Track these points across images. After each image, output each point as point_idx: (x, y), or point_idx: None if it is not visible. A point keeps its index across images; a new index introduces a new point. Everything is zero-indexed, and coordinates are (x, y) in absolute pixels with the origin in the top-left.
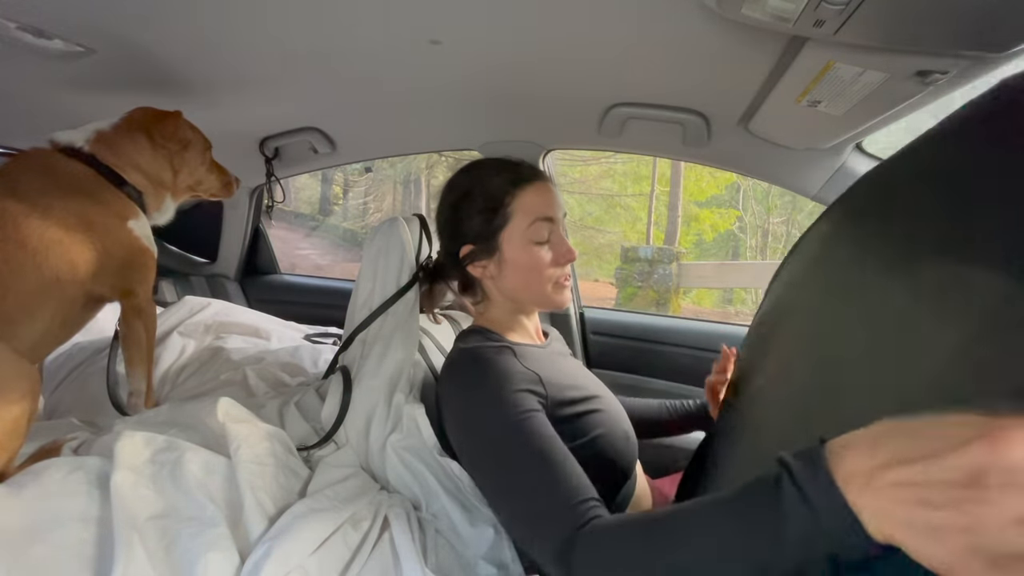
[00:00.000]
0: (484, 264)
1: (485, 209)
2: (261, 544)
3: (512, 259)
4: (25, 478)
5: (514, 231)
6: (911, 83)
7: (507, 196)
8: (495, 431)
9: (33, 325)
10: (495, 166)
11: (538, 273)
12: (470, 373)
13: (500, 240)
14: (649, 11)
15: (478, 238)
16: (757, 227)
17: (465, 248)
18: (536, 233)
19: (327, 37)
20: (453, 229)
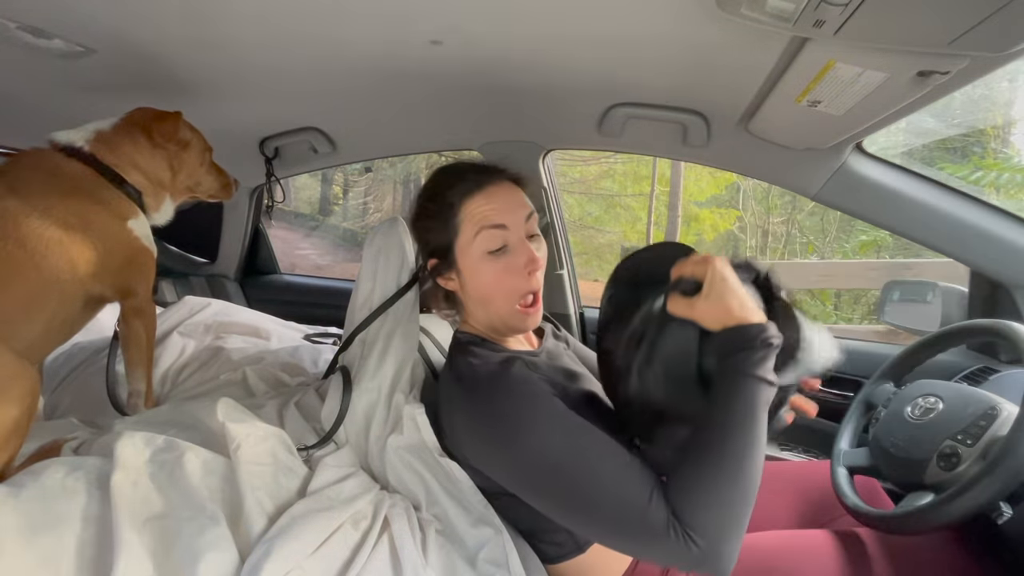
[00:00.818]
0: (450, 277)
1: (437, 220)
2: (261, 544)
3: (470, 272)
4: (25, 478)
5: (465, 243)
6: (911, 83)
7: (454, 207)
8: (553, 454)
9: (33, 325)
10: (455, 172)
11: (496, 287)
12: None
13: (454, 253)
14: (649, 11)
15: (437, 251)
16: (757, 227)
17: (431, 261)
18: (486, 242)
19: (327, 37)
20: (420, 241)
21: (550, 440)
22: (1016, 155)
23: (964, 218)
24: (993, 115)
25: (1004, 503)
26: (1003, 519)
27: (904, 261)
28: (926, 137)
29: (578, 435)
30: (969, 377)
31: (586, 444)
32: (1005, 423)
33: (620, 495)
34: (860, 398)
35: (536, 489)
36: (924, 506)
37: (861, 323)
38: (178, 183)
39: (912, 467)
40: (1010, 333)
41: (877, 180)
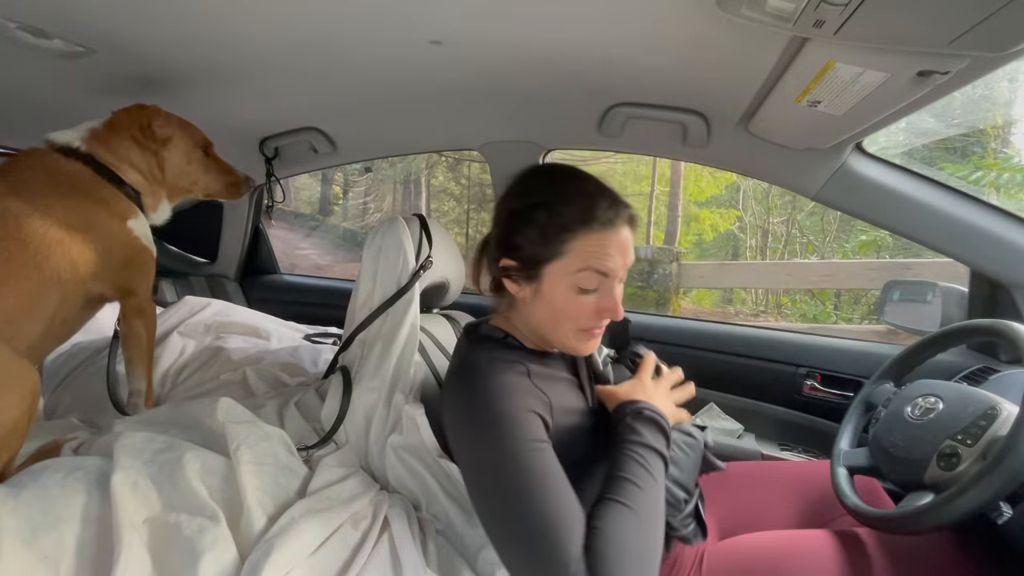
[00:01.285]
0: (518, 284)
1: (541, 235)
2: (261, 544)
3: (548, 296)
4: (26, 478)
5: (560, 269)
6: (911, 83)
7: (569, 232)
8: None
9: (33, 325)
10: (576, 191)
11: (569, 320)
12: (477, 390)
13: (543, 271)
14: (649, 11)
15: (523, 259)
16: (757, 227)
17: (506, 261)
18: (583, 281)
19: (328, 37)
20: (504, 234)
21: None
22: (1016, 155)
23: (964, 218)
24: (993, 115)
25: (1004, 503)
26: (1003, 519)
27: (904, 261)
28: (926, 137)
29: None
30: (969, 377)
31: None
32: (1005, 423)
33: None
34: (860, 398)
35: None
36: (924, 506)
37: (861, 323)
38: (168, 181)
39: (912, 467)
40: (1010, 333)
41: (877, 180)
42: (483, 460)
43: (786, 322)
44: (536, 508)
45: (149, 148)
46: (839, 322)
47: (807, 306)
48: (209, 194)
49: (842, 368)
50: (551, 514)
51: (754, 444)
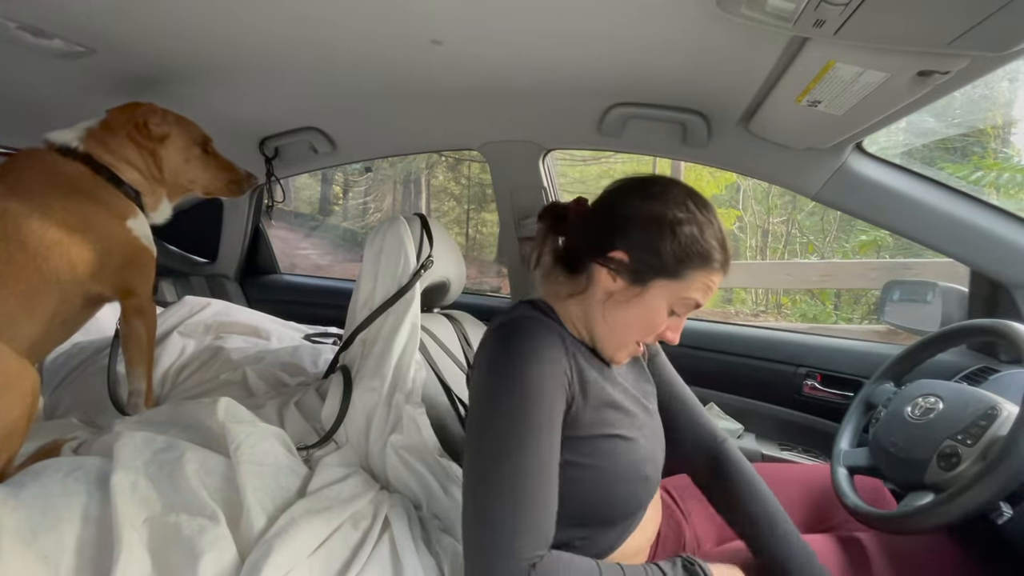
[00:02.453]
0: (616, 278)
1: (679, 250)
2: (261, 544)
3: (642, 303)
4: (25, 478)
5: (670, 290)
6: (911, 83)
7: (695, 262)
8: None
9: (34, 325)
10: (717, 224)
11: (645, 330)
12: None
13: (653, 283)
14: (649, 11)
15: (639, 261)
16: (757, 227)
17: (619, 253)
18: (679, 306)
19: (328, 37)
20: (627, 228)
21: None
22: (1016, 155)
23: (964, 218)
24: (993, 115)
25: (1004, 503)
26: (1003, 519)
27: (904, 261)
28: (926, 137)
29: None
30: (969, 377)
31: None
32: (1005, 423)
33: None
34: (860, 398)
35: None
36: (924, 506)
37: (861, 323)
38: (167, 179)
39: (912, 467)
40: (1010, 333)
41: (877, 180)
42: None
43: (786, 322)
44: (516, 500)
45: (146, 146)
46: (839, 322)
47: (807, 306)
48: (209, 192)
49: (842, 368)
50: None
51: (754, 444)
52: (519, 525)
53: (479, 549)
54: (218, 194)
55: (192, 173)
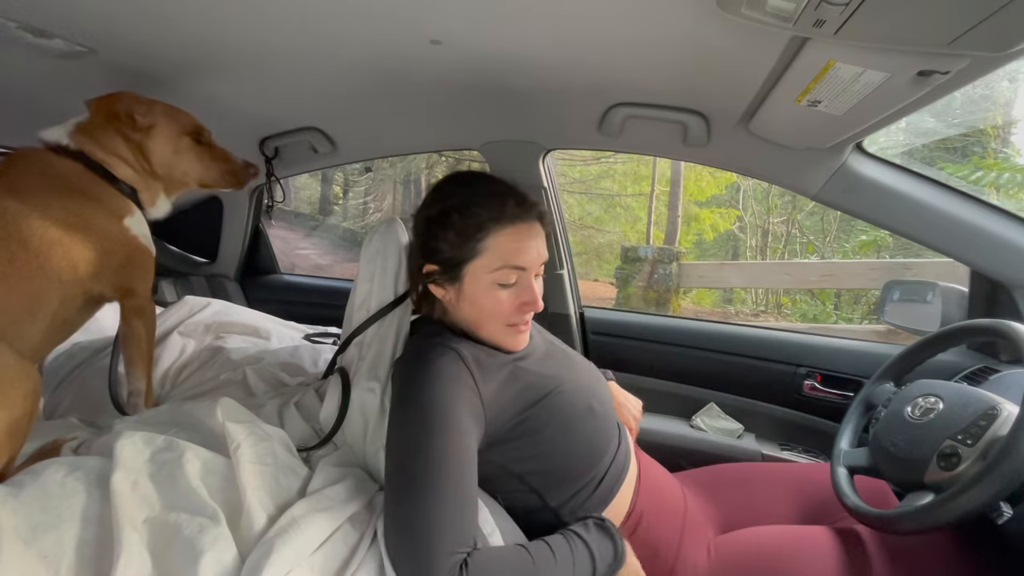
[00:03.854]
0: (444, 288)
1: (458, 236)
2: (261, 543)
3: (471, 294)
4: (25, 478)
5: (480, 268)
6: (911, 83)
7: (485, 230)
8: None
9: (35, 325)
10: (486, 192)
11: (493, 316)
12: (415, 373)
13: (464, 271)
14: (649, 11)
15: (443, 262)
16: (757, 227)
17: (428, 267)
18: (502, 277)
19: (328, 37)
20: (424, 242)
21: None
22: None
23: (964, 218)
24: (993, 115)
25: (1004, 503)
26: (1003, 519)
27: (904, 261)
28: (926, 137)
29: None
30: (969, 377)
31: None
32: (1005, 423)
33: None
34: (860, 398)
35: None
36: (924, 506)
37: (861, 323)
38: (161, 173)
39: (912, 467)
40: (1010, 333)
41: (877, 180)
42: (403, 442)
43: (786, 322)
44: (432, 506)
45: (133, 139)
46: (839, 322)
47: (807, 306)
48: (205, 183)
49: (842, 368)
50: (444, 518)
51: (754, 444)
52: (434, 527)
53: (405, 558)
54: (215, 186)
55: (184, 165)
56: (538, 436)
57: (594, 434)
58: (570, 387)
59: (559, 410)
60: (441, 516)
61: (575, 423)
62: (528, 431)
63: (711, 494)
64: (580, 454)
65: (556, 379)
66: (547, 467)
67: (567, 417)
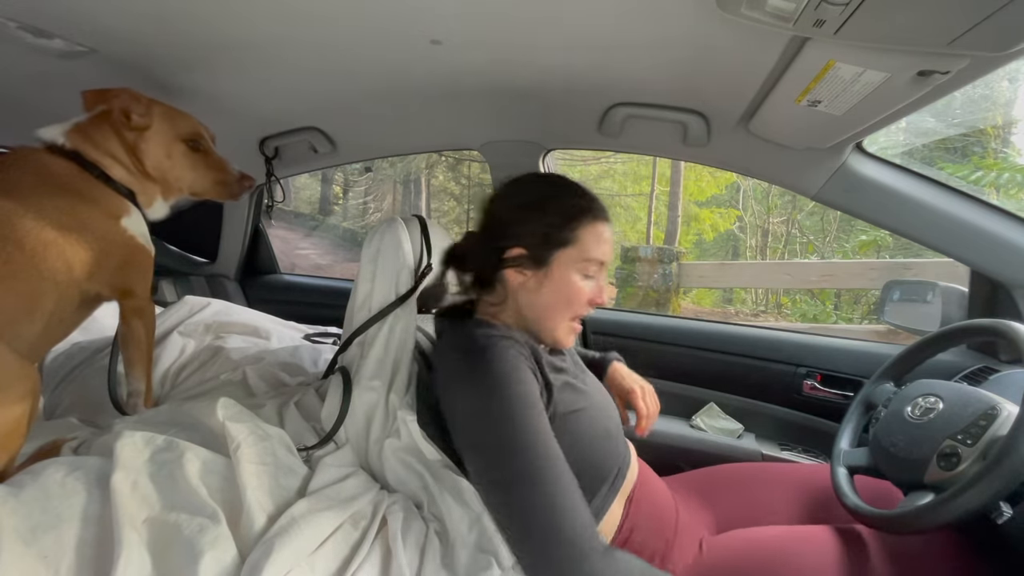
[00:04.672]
0: (525, 273)
1: (555, 223)
2: (261, 543)
3: (556, 280)
4: (25, 478)
5: (570, 256)
6: (911, 83)
7: (579, 221)
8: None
9: (32, 325)
10: (575, 189)
11: (569, 303)
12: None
13: (554, 258)
14: (649, 11)
15: (533, 247)
16: (757, 227)
17: (515, 250)
18: (587, 268)
19: (328, 37)
20: (509, 227)
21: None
22: (1016, 155)
23: (964, 218)
24: (993, 115)
25: (1004, 503)
26: (1003, 519)
27: (904, 261)
28: (926, 137)
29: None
30: (969, 377)
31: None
32: (1005, 423)
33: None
34: (860, 398)
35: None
36: (924, 506)
37: (861, 323)
38: (156, 176)
39: (912, 467)
40: (1010, 333)
41: (877, 180)
42: (498, 436)
43: (786, 322)
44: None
45: (127, 139)
46: (839, 322)
47: (807, 306)
48: (196, 192)
49: (842, 368)
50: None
51: (754, 444)
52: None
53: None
54: (206, 195)
55: (177, 171)
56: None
57: (606, 457)
58: (595, 406)
59: (583, 428)
60: (566, 495)
61: (594, 443)
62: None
63: (707, 497)
64: (589, 472)
65: (588, 396)
66: None
67: (588, 436)
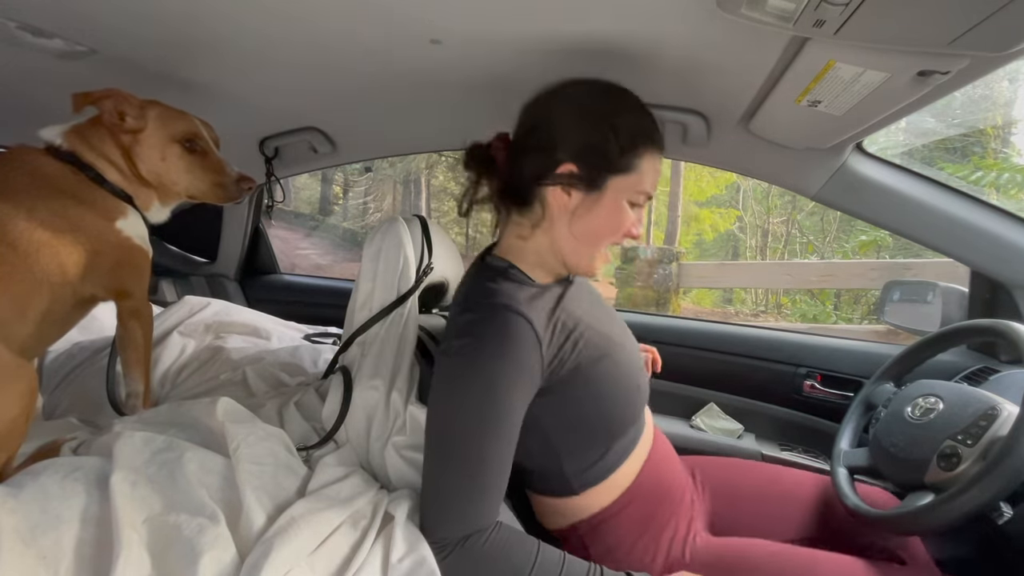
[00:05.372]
0: (570, 192)
1: (618, 145)
2: (260, 543)
3: (603, 206)
4: (24, 478)
5: (626, 183)
6: (912, 83)
7: (642, 147)
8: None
9: (26, 326)
10: (642, 107)
11: (610, 235)
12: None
13: (608, 181)
14: (649, 11)
15: (589, 166)
16: (757, 227)
17: (566, 166)
18: (638, 198)
19: (328, 37)
20: (564, 139)
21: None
22: (1016, 155)
23: (964, 218)
24: (993, 115)
25: (1004, 503)
26: (1003, 519)
27: (904, 261)
28: (926, 137)
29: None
30: (969, 377)
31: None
32: (1005, 423)
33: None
34: (860, 398)
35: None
36: (924, 506)
37: (861, 323)
38: (151, 181)
39: (912, 467)
40: (1010, 333)
41: (877, 180)
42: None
43: (786, 322)
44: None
45: (122, 142)
46: (839, 322)
47: (807, 306)
48: (193, 196)
49: (842, 368)
50: (464, 493)
51: (754, 444)
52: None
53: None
54: (203, 199)
55: (172, 174)
56: (583, 391)
57: (627, 409)
58: (624, 359)
59: (610, 378)
60: (462, 490)
61: (620, 396)
62: (577, 383)
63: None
64: (610, 424)
65: (610, 341)
66: (577, 427)
67: (614, 389)
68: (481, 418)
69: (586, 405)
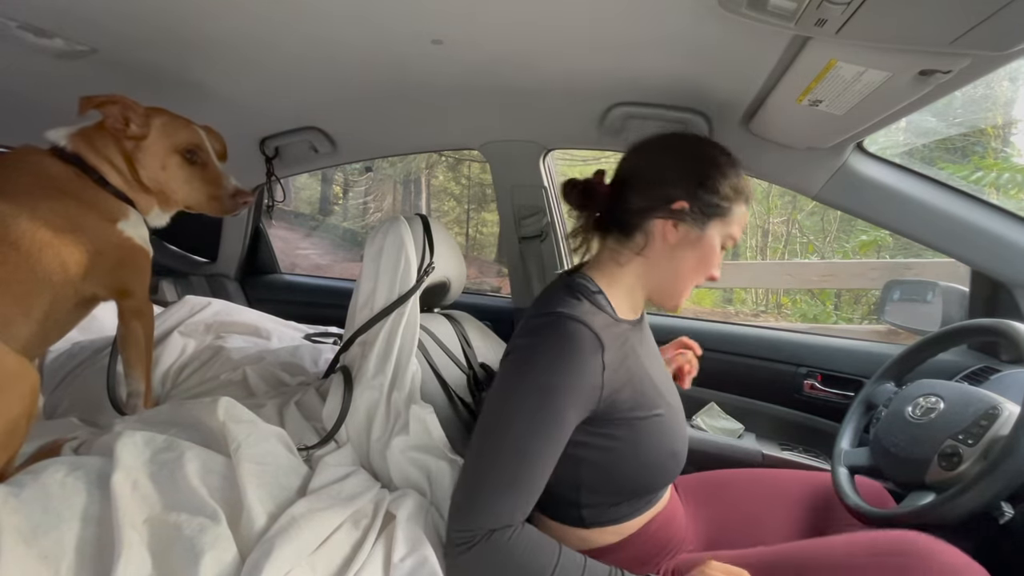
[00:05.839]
0: (676, 228)
1: (725, 192)
2: (261, 543)
3: (703, 245)
4: (25, 478)
5: (722, 228)
6: (913, 82)
7: (740, 197)
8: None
9: (28, 325)
10: (739, 168)
11: (703, 268)
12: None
13: (710, 223)
14: (650, 10)
15: (700, 204)
16: (757, 227)
17: (680, 203)
18: (727, 241)
19: (328, 37)
20: (679, 177)
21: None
22: (1016, 155)
23: (964, 218)
24: (994, 115)
25: (1005, 503)
26: (1004, 519)
27: (904, 261)
28: (926, 137)
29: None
30: (970, 377)
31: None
32: (1006, 423)
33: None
34: (861, 398)
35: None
36: (925, 506)
37: (861, 323)
38: (152, 188)
39: (913, 467)
40: (1011, 332)
41: (878, 179)
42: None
43: (786, 322)
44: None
45: (125, 147)
46: (839, 322)
47: (807, 306)
48: (190, 206)
49: (843, 368)
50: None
51: (754, 444)
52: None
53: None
54: (200, 210)
55: (171, 183)
56: (626, 441)
57: (660, 477)
58: (671, 420)
59: (654, 437)
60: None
61: (658, 460)
62: (624, 429)
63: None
64: (639, 483)
65: (663, 399)
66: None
67: (655, 451)
68: (534, 417)
69: (625, 455)
